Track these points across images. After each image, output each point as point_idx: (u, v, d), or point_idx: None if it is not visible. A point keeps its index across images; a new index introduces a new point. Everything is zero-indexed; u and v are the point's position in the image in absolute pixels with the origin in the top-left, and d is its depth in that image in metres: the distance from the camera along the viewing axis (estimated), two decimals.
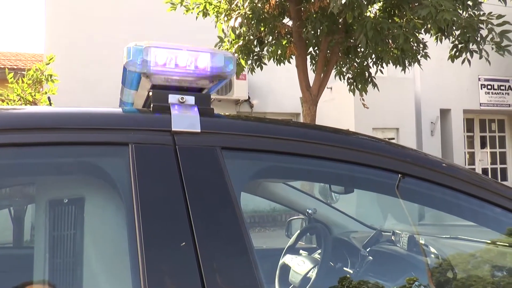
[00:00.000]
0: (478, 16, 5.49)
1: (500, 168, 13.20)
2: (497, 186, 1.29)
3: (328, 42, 6.32)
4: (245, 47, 6.60)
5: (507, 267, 1.54)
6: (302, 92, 6.69)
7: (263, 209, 6.20)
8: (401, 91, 10.55)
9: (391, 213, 2.17)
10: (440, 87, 11.30)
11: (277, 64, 7.13)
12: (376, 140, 1.38)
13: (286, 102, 10.96)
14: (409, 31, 5.11)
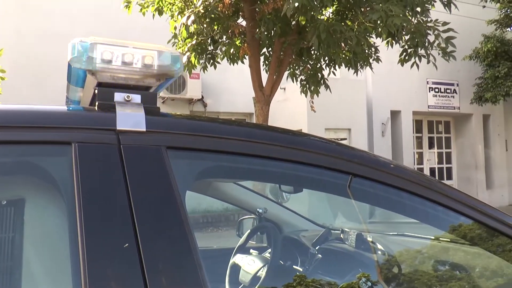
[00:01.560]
0: (426, 23, 5.69)
1: (446, 168, 13.73)
2: (441, 186, 1.33)
3: (281, 43, 6.37)
4: (199, 45, 6.56)
5: (449, 261, 1.61)
6: (255, 92, 6.71)
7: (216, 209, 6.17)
8: (353, 93, 10.75)
9: (341, 211, 2.21)
10: (390, 90, 11.62)
11: (231, 63, 7.13)
12: (325, 141, 1.40)
13: (239, 102, 10.98)
14: (360, 34, 5.22)
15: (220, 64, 7.15)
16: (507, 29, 12.34)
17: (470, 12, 12.02)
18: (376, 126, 11.49)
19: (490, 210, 1.33)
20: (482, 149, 13.49)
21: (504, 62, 11.72)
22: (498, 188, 13.71)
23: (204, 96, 10.86)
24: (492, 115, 13.61)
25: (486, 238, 1.38)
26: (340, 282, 1.64)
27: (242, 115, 11.61)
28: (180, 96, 10.28)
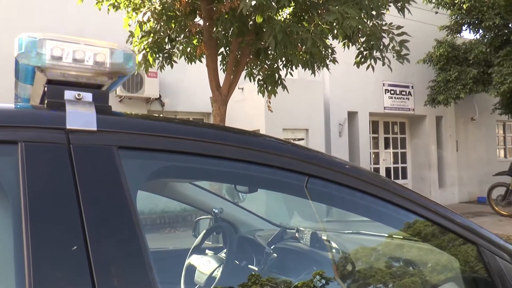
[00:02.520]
0: (381, 26, 5.82)
1: (401, 167, 14.10)
2: (395, 186, 1.36)
3: (238, 43, 6.36)
4: (155, 44, 6.47)
5: (403, 258, 1.65)
6: (212, 92, 6.67)
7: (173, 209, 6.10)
8: (311, 94, 10.86)
9: (297, 211, 2.23)
10: (348, 91, 11.81)
11: (189, 62, 7.07)
12: (281, 142, 1.41)
13: (197, 102, 10.88)
14: (317, 35, 5.28)
15: (177, 63, 7.07)
16: (457, 35, 12.81)
17: (423, 17, 12.41)
18: (334, 127, 11.65)
19: (440, 209, 1.38)
20: (435, 150, 13.93)
21: (455, 66, 12.15)
22: (449, 186, 14.21)
23: (162, 95, 10.71)
24: (444, 116, 14.08)
25: (436, 235, 1.42)
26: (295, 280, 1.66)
27: (200, 115, 11.53)
28: (137, 95, 10.11)
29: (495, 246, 1.39)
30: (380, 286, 1.48)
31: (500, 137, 16.97)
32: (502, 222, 10.23)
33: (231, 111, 9.88)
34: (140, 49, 6.46)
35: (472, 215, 11.29)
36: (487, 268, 1.36)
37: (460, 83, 11.83)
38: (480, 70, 11.84)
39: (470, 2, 11.71)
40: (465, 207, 13.00)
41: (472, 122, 15.18)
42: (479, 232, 1.39)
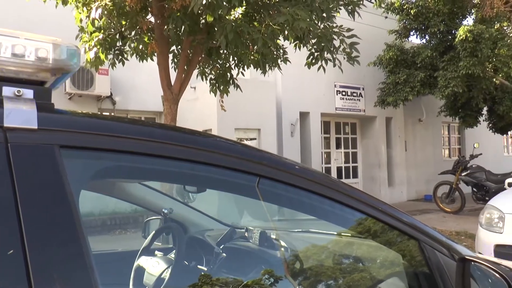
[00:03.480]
0: (332, 28, 5.91)
1: (352, 167, 14.39)
2: (343, 187, 1.39)
3: (190, 41, 6.29)
4: (106, 40, 6.31)
5: (352, 255, 1.69)
6: (163, 91, 6.57)
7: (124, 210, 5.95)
8: (263, 94, 10.89)
9: (248, 211, 2.23)
10: (299, 91, 11.93)
11: (140, 60, 6.95)
12: (232, 142, 1.40)
13: (149, 100, 10.72)
14: (268, 36, 5.30)
15: (128, 60, 6.93)
16: (405, 39, 13.22)
17: (374, 21, 12.74)
18: (286, 127, 11.74)
19: (385, 207, 1.42)
20: (385, 150, 14.31)
21: (404, 69, 12.52)
22: (398, 185, 14.63)
23: (113, 93, 10.47)
24: (393, 118, 14.48)
25: (382, 233, 1.46)
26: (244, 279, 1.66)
27: (152, 114, 11.36)
28: (87, 92, 9.83)
29: (435, 241, 1.44)
30: (330, 282, 1.50)
31: (445, 137, 17.67)
32: (446, 219, 10.64)
33: (183, 110, 9.79)
34: (91, 46, 6.28)
35: (419, 212, 11.67)
36: (427, 262, 1.41)
37: (408, 85, 12.20)
38: (427, 74, 12.26)
39: (417, 8, 12.12)
40: (413, 205, 13.43)
41: (420, 123, 15.71)
42: (421, 229, 1.44)
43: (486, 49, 10.69)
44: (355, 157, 14.53)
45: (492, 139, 17.33)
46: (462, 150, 17.62)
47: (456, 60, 11.39)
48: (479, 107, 13.09)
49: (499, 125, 14.48)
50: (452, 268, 1.36)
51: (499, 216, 5.16)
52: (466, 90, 11.84)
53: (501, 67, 11.16)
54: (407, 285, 1.50)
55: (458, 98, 12.43)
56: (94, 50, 6.20)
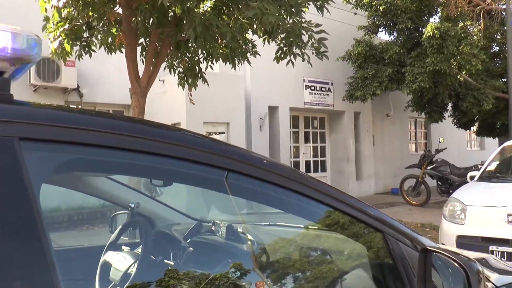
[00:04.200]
0: (301, 23, 5.94)
1: (320, 161, 14.54)
2: (311, 181, 1.40)
3: (158, 34, 6.21)
4: (72, 31, 6.16)
5: (320, 248, 1.71)
6: (131, 83, 6.47)
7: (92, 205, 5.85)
8: (232, 88, 10.86)
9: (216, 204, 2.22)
10: (269, 86, 11.95)
11: (108, 52, 6.83)
12: (200, 136, 1.39)
13: (118, 93, 10.54)
14: (236, 30, 5.28)
15: (96, 52, 6.80)
16: (374, 36, 13.41)
17: (343, 17, 12.87)
18: (255, 121, 11.76)
19: (351, 201, 1.44)
20: (353, 144, 14.50)
21: (372, 64, 12.71)
22: (366, 179, 14.87)
23: (80, 85, 10.25)
24: (362, 112, 14.69)
25: (348, 226, 1.49)
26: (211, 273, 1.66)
27: (120, 107, 11.19)
28: (53, 84, 9.59)
29: (399, 233, 1.47)
30: (298, 274, 1.52)
31: (412, 132, 18.04)
32: (412, 211, 10.88)
33: (152, 104, 9.68)
34: (56, 36, 6.11)
35: (386, 205, 11.90)
36: (391, 253, 1.44)
37: (376, 80, 12.40)
38: (394, 69, 12.49)
39: (386, 5, 12.30)
40: (380, 198, 13.68)
41: (388, 118, 15.99)
42: (386, 221, 1.47)
43: (451, 46, 10.96)
44: (323, 151, 14.68)
45: (456, 134, 17.80)
46: (428, 145, 18.04)
47: (423, 56, 11.63)
48: (445, 103, 13.42)
49: (463, 120, 14.89)
50: (415, 259, 1.39)
51: (462, 208, 5.31)
52: (432, 86, 12.11)
53: (465, 65, 11.46)
54: (371, 276, 1.53)
55: (424, 94, 12.71)
56: (59, 40, 6.03)
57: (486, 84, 12.59)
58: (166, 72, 7.47)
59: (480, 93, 12.41)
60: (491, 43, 14.19)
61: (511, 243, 4.74)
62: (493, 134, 16.45)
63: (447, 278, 1.44)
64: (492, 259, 2.22)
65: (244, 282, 1.37)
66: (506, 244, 4.76)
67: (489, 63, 13.22)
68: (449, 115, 15.14)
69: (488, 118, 14.69)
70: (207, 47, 6.10)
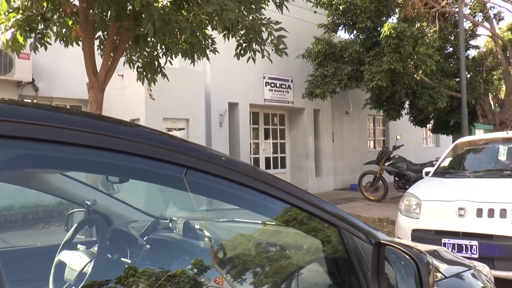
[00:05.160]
0: (260, 20, 5.95)
1: (280, 157, 14.65)
2: (269, 178, 1.41)
3: (116, 27, 6.07)
4: (25, 22, 5.93)
5: (279, 243, 1.72)
6: (88, 78, 6.30)
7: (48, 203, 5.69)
8: (192, 83, 10.80)
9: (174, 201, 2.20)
10: (229, 82, 11.94)
11: (65, 45, 6.63)
12: (158, 132, 1.37)
13: (75, 87, 10.27)
14: (196, 25, 5.24)
15: (51, 45, 6.59)
16: (334, 34, 13.60)
17: (304, 15, 12.99)
18: (214, 117, 11.72)
19: (308, 197, 1.46)
20: (313, 141, 14.68)
21: (332, 63, 12.89)
22: (325, 175, 15.08)
23: (36, 79, 9.93)
24: (321, 110, 14.88)
25: (305, 222, 1.51)
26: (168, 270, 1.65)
27: (78, 102, 10.91)
28: (6, 77, 9.24)
29: (353, 227, 1.51)
30: (257, 269, 1.53)
31: (371, 129, 18.44)
32: (370, 206, 11.12)
33: (111, 99, 9.49)
34: (8, 27, 5.87)
35: (345, 201, 12.12)
36: (346, 247, 1.48)
37: (336, 78, 12.58)
38: (354, 68, 12.71)
39: (345, 5, 12.49)
40: (339, 194, 13.92)
41: (347, 116, 16.26)
42: (341, 216, 1.50)
43: (408, 46, 11.24)
44: (283, 148, 14.80)
45: (413, 131, 18.30)
46: (386, 142, 18.48)
47: (381, 55, 11.88)
48: (402, 101, 13.77)
49: (419, 118, 15.32)
50: (369, 252, 1.42)
51: (417, 203, 5.47)
52: (390, 84, 12.40)
53: (420, 65, 11.78)
54: (326, 270, 1.56)
55: (382, 92, 13.00)
56: (12, 31, 5.80)
57: (441, 83, 12.99)
58: (126, 66, 7.34)
59: (435, 92, 12.80)
60: (445, 44, 14.64)
61: (461, 235, 4.92)
62: (447, 132, 16.99)
63: (400, 270, 1.49)
64: (443, 251, 2.30)
65: (203, 279, 1.36)
66: (457, 237, 4.94)
67: (443, 63, 13.65)
68: (406, 113, 15.54)
69: (442, 116, 15.16)
70: (166, 42, 6.02)
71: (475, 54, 16.12)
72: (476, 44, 23.22)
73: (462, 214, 5.00)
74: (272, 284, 1.48)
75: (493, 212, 4.86)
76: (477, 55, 15.93)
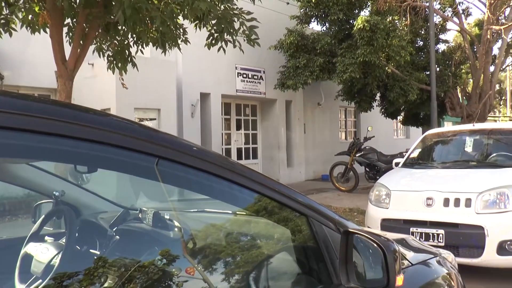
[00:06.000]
0: (232, 10, 5.92)
1: (252, 148, 14.67)
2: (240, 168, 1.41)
3: (86, 14, 5.92)
4: None
5: (250, 233, 1.73)
6: (57, 66, 6.14)
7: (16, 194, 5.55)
8: (164, 73, 10.70)
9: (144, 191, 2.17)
10: (200, 72, 11.87)
11: (32, 32, 6.45)
12: (129, 122, 1.35)
13: (44, 76, 10.01)
14: (167, 14, 5.17)
15: (17, 31, 6.40)
16: (306, 26, 13.63)
17: (276, 6, 12.98)
18: (186, 107, 11.65)
19: (278, 187, 1.47)
20: (284, 132, 14.74)
21: (304, 54, 12.93)
22: (297, 166, 15.19)
23: (1, 67, 9.66)
24: (293, 101, 14.94)
25: (275, 211, 1.52)
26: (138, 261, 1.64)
27: (46, 91, 10.66)
28: None
29: (322, 216, 1.53)
30: (228, 259, 1.53)
31: (342, 121, 18.63)
32: (341, 197, 11.26)
33: (81, 88, 9.32)
34: None
35: (316, 191, 12.23)
36: (314, 236, 1.49)
37: (308, 70, 12.63)
38: (326, 59, 12.79)
39: None
40: (310, 184, 14.04)
41: (319, 107, 16.38)
42: (310, 205, 1.52)
43: (381, 38, 11.37)
44: (255, 139, 14.82)
45: (384, 123, 18.56)
46: (357, 133, 18.70)
47: (353, 48, 11.98)
48: (373, 93, 13.95)
49: (390, 110, 15.55)
50: (338, 241, 1.45)
51: (386, 193, 5.57)
52: (362, 76, 12.53)
53: (394, 56, 11.94)
54: (295, 259, 1.57)
55: (354, 84, 13.13)
56: None
57: (412, 76, 13.21)
58: (96, 55, 7.19)
59: (406, 85, 13.00)
60: (416, 37, 14.88)
61: (429, 224, 5.04)
62: (417, 124, 17.30)
63: (368, 258, 1.51)
64: (411, 239, 2.36)
65: (174, 269, 1.36)
66: (424, 226, 5.06)
67: (414, 56, 13.87)
68: (377, 105, 15.75)
69: (413, 109, 15.43)
70: (137, 30, 5.93)
71: (445, 48, 16.45)
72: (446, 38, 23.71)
73: (430, 203, 5.12)
74: (243, 273, 1.48)
75: (459, 201, 4.99)
76: (447, 49, 16.26)
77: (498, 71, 15.90)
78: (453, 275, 2.20)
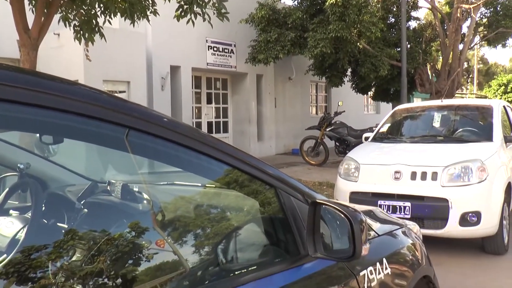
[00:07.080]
0: None
1: (222, 122, 14.63)
2: (211, 140, 1.40)
3: None
4: None
5: (220, 205, 1.73)
6: (19, 35, 5.90)
7: None
8: (133, 45, 10.49)
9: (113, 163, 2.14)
10: (171, 45, 11.68)
11: None
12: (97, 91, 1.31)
13: (5, 45, 9.61)
14: None
15: None
16: (278, 0, 13.51)
17: None
18: (156, 80, 11.49)
19: (249, 158, 1.47)
20: (255, 106, 14.73)
21: (275, 28, 12.85)
22: (267, 140, 15.25)
23: None
24: (264, 75, 14.90)
25: (245, 183, 1.52)
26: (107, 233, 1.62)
27: (8, 61, 10.26)
28: None
29: (290, 187, 1.54)
30: (197, 231, 1.54)
31: (313, 95, 18.71)
32: (311, 170, 11.39)
33: (47, 59, 9.04)
34: None
35: (287, 165, 12.32)
36: (282, 207, 1.51)
37: (279, 44, 12.58)
38: (297, 34, 12.74)
39: None
40: (281, 158, 14.14)
41: (290, 81, 16.38)
42: (278, 177, 1.53)
43: (353, 14, 11.38)
44: (225, 112, 14.78)
45: (355, 98, 18.75)
46: (328, 108, 18.84)
47: (325, 23, 11.96)
48: (344, 68, 14.02)
49: (361, 85, 15.69)
50: (305, 212, 1.46)
51: (355, 167, 5.66)
52: (333, 52, 12.55)
53: (365, 32, 11.98)
54: (263, 230, 1.59)
55: (325, 59, 13.15)
56: None
57: (383, 52, 13.31)
58: (61, 25, 6.96)
59: (377, 60, 13.11)
60: (388, 14, 14.95)
61: (396, 197, 5.16)
62: (387, 99, 17.53)
63: (335, 229, 1.54)
64: (378, 211, 2.41)
65: (143, 241, 1.35)
66: (392, 198, 5.18)
67: (386, 32, 13.95)
68: (348, 80, 15.86)
69: (383, 84, 15.61)
70: (104, 0, 5.75)
71: (416, 25, 16.60)
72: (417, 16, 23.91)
73: (398, 177, 5.23)
74: (212, 245, 1.49)
75: (425, 175, 5.11)
76: (417, 27, 16.42)
77: (466, 49, 16.19)
78: (418, 245, 2.27)
